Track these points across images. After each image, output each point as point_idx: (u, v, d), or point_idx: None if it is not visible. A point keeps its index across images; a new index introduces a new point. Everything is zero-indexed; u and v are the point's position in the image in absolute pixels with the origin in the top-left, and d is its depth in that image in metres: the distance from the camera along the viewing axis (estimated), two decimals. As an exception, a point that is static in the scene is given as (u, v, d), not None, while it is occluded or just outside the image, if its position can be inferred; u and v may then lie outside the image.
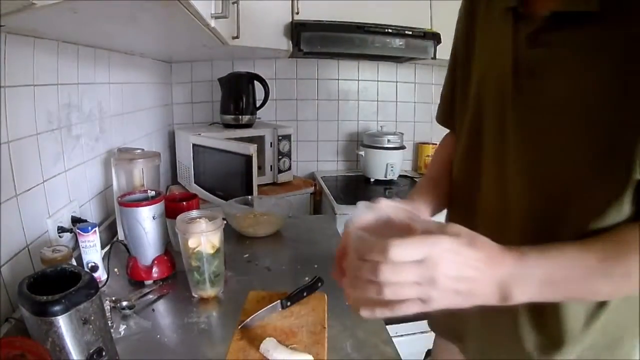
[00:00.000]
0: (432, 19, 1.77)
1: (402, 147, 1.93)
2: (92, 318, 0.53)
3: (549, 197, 0.51)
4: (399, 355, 0.67)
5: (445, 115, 0.75)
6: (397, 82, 2.19)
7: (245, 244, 1.12)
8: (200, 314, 0.78)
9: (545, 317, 0.54)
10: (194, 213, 0.84)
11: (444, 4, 1.74)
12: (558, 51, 0.48)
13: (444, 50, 1.72)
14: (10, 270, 0.74)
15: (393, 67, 2.16)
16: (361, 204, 0.48)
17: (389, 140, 1.89)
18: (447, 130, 0.78)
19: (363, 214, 0.47)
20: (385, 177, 1.92)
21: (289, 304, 0.76)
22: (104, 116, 1.19)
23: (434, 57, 1.74)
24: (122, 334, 0.70)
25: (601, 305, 0.52)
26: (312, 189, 1.87)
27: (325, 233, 1.21)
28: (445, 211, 0.72)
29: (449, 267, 0.39)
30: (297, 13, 1.64)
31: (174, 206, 0.97)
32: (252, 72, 1.90)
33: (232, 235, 1.14)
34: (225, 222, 0.83)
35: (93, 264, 0.85)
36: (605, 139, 0.46)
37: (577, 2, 0.44)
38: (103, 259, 0.89)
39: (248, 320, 0.71)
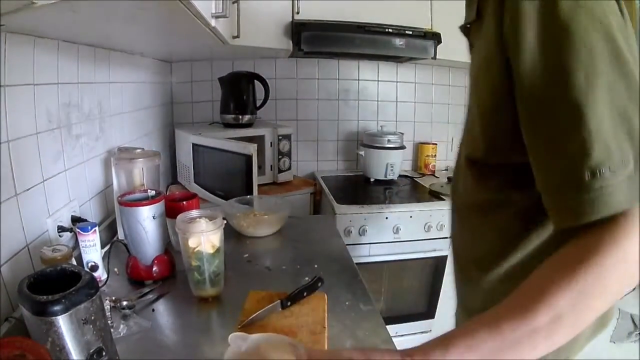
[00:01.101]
0: (432, 18, 1.77)
1: (402, 147, 1.93)
2: (92, 318, 0.53)
3: (457, 173, 0.70)
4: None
5: None
6: (397, 82, 2.18)
7: (245, 244, 1.12)
8: (200, 314, 0.78)
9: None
10: (194, 213, 0.84)
11: (445, 4, 1.74)
12: (472, 52, 0.65)
13: (444, 50, 1.72)
14: (10, 270, 0.74)
15: (393, 67, 2.16)
16: (233, 337, 0.52)
17: (389, 140, 1.89)
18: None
19: (235, 347, 0.51)
20: (385, 177, 1.92)
21: (289, 304, 0.76)
22: (104, 116, 1.18)
23: (434, 57, 1.74)
24: (122, 334, 0.70)
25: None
26: (312, 189, 1.87)
27: (325, 233, 1.21)
28: None
29: None
30: (298, 13, 1.63)
31: (174, 206, 0.97)
32: (253, 71, 1.90)
33: (232, 235, 1.14)
34: (225, 222, 0.83)
35: (93, 264, 0.85)
36: (470, 126, 0.61)
37: (467, 17, 0.62)
38: (103, 258, 0.89)
39: (248, 320, 0.71)
